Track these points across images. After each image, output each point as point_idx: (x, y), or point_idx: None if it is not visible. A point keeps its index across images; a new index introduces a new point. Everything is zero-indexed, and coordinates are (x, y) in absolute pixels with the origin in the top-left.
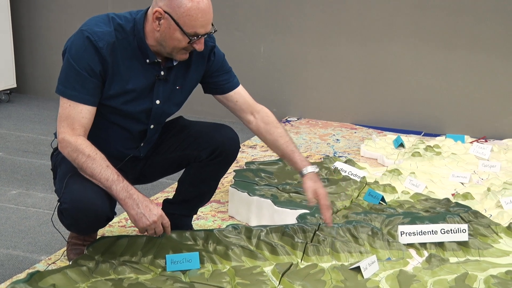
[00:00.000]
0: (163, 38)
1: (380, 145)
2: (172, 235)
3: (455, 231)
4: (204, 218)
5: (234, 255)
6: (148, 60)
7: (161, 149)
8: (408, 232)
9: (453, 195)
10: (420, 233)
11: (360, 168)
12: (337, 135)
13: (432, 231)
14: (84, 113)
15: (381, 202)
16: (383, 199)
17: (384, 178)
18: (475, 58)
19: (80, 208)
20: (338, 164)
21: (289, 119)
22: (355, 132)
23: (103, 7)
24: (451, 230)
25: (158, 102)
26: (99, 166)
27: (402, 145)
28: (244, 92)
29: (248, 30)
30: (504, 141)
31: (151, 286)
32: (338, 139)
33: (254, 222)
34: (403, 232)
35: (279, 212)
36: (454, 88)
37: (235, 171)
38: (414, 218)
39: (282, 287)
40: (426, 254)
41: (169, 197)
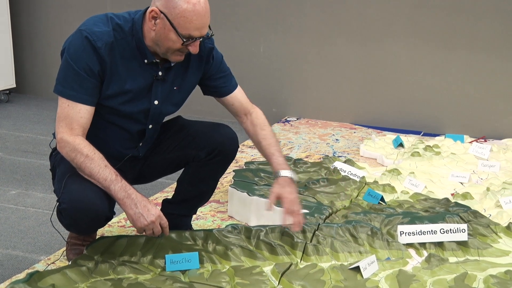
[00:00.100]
0: (158, 38)
1: (379, 145)
2: (172, 235)
3: (454, 231)
4: (203, 218)
5: (233, 255)
6: (146, 60)
7: (160, 149)
8: (407, 232)
9: (452, 195)
10: (420, 233)
11: (360, 168)
12: (336, 135)
13: (432, 231)
14: (82, 113)
15: (380, 202)
16: (382, 199)
17: (383, 178)
18: (474, 58)
19: (79, 208)
20: (338, 164)
21: (288, 119)
22: (355, 132)
23: (102, 7)
24: (451, 230)
25: (156, 102)
26: (97, 166)
27: (401, 145)
28: (240, 94)
29: (248, 29)
30: (504, 141)
31: (150, 286)
32: (337, 139)
33: (253, 222)
34: (402, 232)
35: (279, 212)
36: (453, 88)
37: (234, 171)
38: (413, 218)
39: (281, 287)
40: (425, 254)
41: (168, 197)
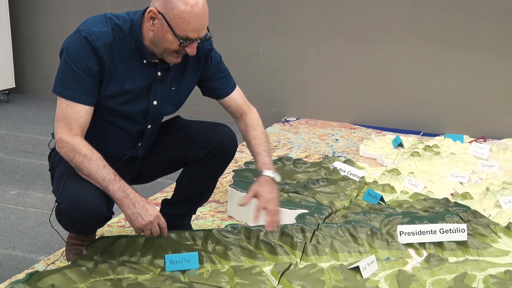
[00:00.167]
0: (156, 38)
1: (379, 145)
2: (171, 235)
3: (454, 231)
4: (203, 218)
5: (233, 255)
6: (145, 61)
7: (158, 149)
8: (407, 232)
9: (452, 194)
10: (419, 232)
11: (359, 168)
12: (336, 135)
13: (431, 230)
14: (81, 113)
15: (380, 202)
16: (382, 199)
17: (383, 178)
18: (474, 58)
19: (78, 208)
20: (337, 164)
21: (288, 119)
22: (354, 132)
23: (102, 7)
24: (450, 229)
25: (155, 102)
26: (95, 166)
27: (401, 145)
28: (238, 95)
29: (247, 30)
30: (503, 140)
31: (150, 286)
32: (337, 139)
33: (253, 222)
34: (402, 232)
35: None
36: (453, 88)
37: (234, 171)
38: (413, 218)
39: (281, 287)
40: (425, 253)
41: (167, 197)
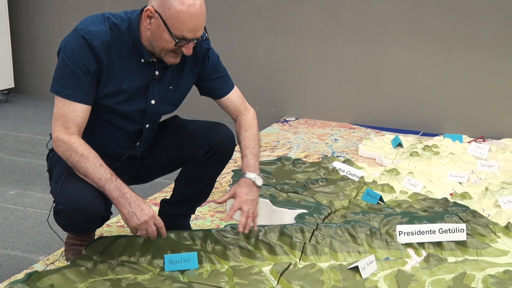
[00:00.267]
0: (153, 37)
1: (378, 145)
2: (171, 235)
3: (453, 231)
4: (202, 218)
5: (232, 255)
6: (143, 60)
7: (157, 148)
8: (406, 232)
9: (451, 194)
10: (418, 232)
11: (358, 168)
12: (335, 135)
13: (430, 230)
14: (78, 111)
15: (379, 201)
16: (381, 199)
17: (382, 177)
18: (473, 58)
19: (75, 208)
20: (337, 164)
21: (287, 119)
22: (353, 132)
23: (101, 7)
24: (449, 229)
25: (153, 102)
26: (92, 165)
27: (400, 144)
28: (236, 96)
29: (247, 29)
30: (502, 140)
31: (149, 286)
32: (336, 139)
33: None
34: (401, 232)
35: (278, 212)
36: (452, 88)
37: (233, 171)
38: (412, 218)
39: (280, 287)
40: (424, 253)
41: (167, 197)
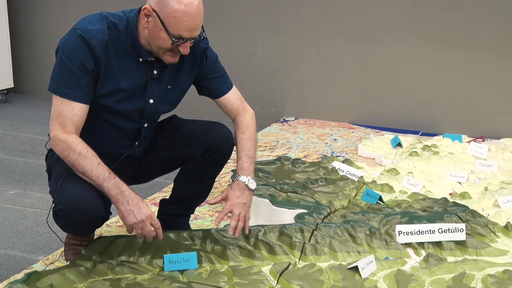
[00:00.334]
0: (150, 36)
1: (377, 144)
2: (170, 235)
3: (452, 231)
4: (201, 218)
5: (232, 255)
6: (141, 59)
7: (155, 148)
8: (406, 232)
9: (450, 194)
10: (418, 232)
11: (358, 167)
12: (334, 135)
13: (430, 230)
14: (76, 110)
15: (378, 201)
16: (380, 199)
17: (381, 177)
18: (473, 57)
19: (75, 208)
20: (336, 164)
21: (287, 119)
22: (353, 132)
23: (101, 7)
24: (449, 229)
25: (151, 101)
26: (90, 164)
27: (399, 144)
28: (234, 96)
29: (246, 29)
30: (502, 140)
31: (149, 286)
32: (335, 139)
33: (252, 222)
34: (400, 232)
35: (277, 211)
36: (451, 87)
37: (232, 170)
38: (411, 218)
39: (280, 287)
40: (423, 253)
41: (166, 197)
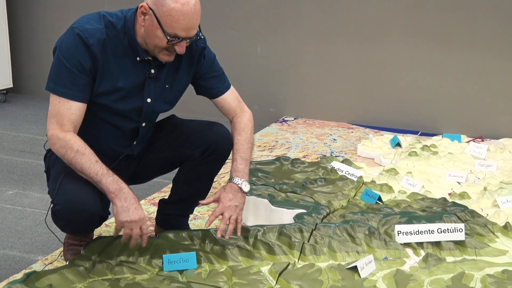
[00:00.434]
0: (147, 34)
1: (377, 144)
2: (169, 235)
3: (451, 231)
4: (201, 218)
5: (231, 255)
6: (138, 58)
7: (154, 148)
8: (405, 232)
9: (449, 194)
10: (417, 232)
11: (357, 167)
12: (334, 135)
13: (429, 230)
14: (73, 109)
15: (378, 201)
16: (380, 199)
17: (381, 177)
18: (472, 57)
19: (73, 208)
20: (335, 164)
21: (286, 119)
22: (352, 132)
23: (100, 7)
24: (448, 229)
25: (149, 100)
26: (88, 161)
27: (399, 144)
28: (232, 97)
29: (245, 29)
30: (501, 140)
31: (148, 286)
32: (335, 139)
33: (251, 222)
34: (400, 232)
35: (276, 211)
36: (451, 87)
37: None
38: (411, 218)
39: (279, 286)
40: (423, 253)
41: (165, 197)
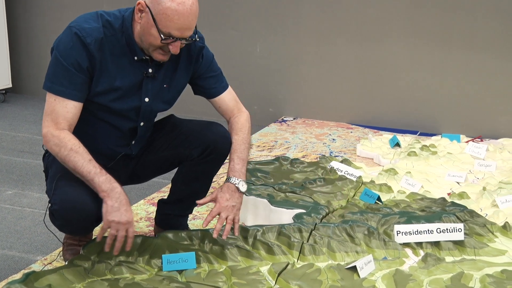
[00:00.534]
0: (142, 32)
1: (376, 144)
2: (168, 235)
3: (451, 231)
4: (200, 218)
5: (230, 255)
6: (136, 57)
7: (152, 147)
8: (404, 232)
9: (449, 194)
10: (416, 232)
11: (356, 167)
12: (333, 135)
13: (428, 230)
14: (69, 108)
15: (377, 201)
16: (379, 199)
17: (380, 177)
18: (471, 57)
19: (70, 208)
20: (334, 164)
21: (285, 119)
22: (351, 132)
23: (99, 7)
24: (447, 229)
25: (147, 99)
26: (81, 159)
27: (398, 144)
28: (229, 97)
29: (245, 29)
30: (500, 140)
31: (147, 286)
32: (334, 139)
33: (250, 222)
34: (399, 232)
35: (276, 211)
36: (450, 87)
37: None
38: (410, 218)
39: (278, 286)
40: (422, 253)
41: (164, 197)
